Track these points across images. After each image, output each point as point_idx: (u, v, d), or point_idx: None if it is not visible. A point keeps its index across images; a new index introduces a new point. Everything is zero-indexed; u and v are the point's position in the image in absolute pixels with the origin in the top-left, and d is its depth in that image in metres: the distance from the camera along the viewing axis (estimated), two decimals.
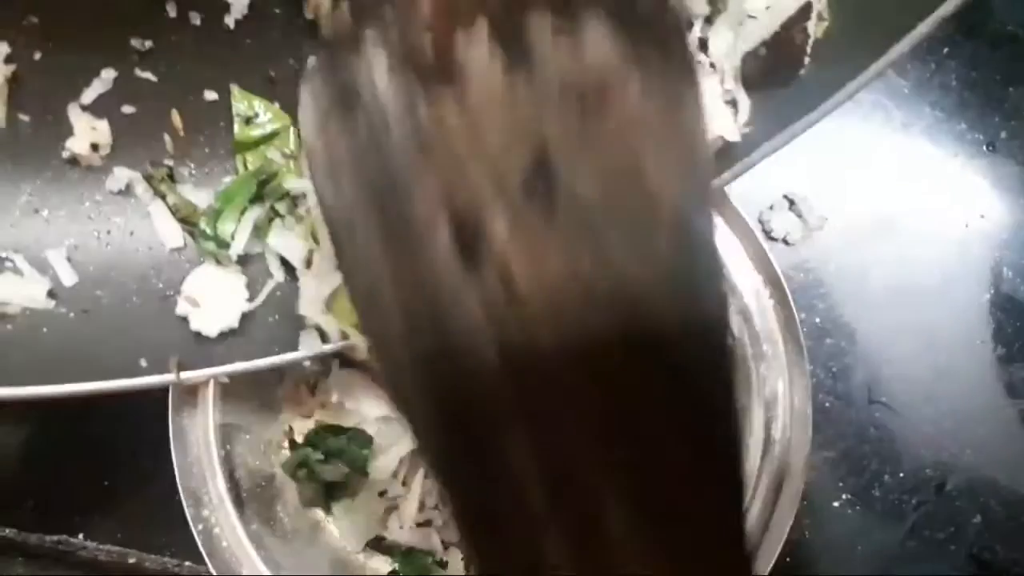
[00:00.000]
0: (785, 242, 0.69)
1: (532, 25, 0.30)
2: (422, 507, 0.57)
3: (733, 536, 0.27)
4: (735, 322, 0.50)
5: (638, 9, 0.31)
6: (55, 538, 0.70)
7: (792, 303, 0.50)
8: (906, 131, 0.71)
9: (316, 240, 0.46)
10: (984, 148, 0.71)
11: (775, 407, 0.49)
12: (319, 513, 0.57)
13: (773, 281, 0.50)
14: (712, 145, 0.44)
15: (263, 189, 0.47)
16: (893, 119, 0.71)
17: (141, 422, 0.55)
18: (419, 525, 0.57)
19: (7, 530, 0.70)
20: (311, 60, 0.33)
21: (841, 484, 0.67)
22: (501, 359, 0.27)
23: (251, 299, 0.47)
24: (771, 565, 0.49)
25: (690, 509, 0.27)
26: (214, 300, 0.45)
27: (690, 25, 0.47)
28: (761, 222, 0.68)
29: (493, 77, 0.29)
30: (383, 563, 0.58)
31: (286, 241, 0.46)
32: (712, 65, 0.48)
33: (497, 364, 0.27)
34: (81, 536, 0.70)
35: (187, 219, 0.48)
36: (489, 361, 0.27)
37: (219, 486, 0.49)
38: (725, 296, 0.31)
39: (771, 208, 0.69)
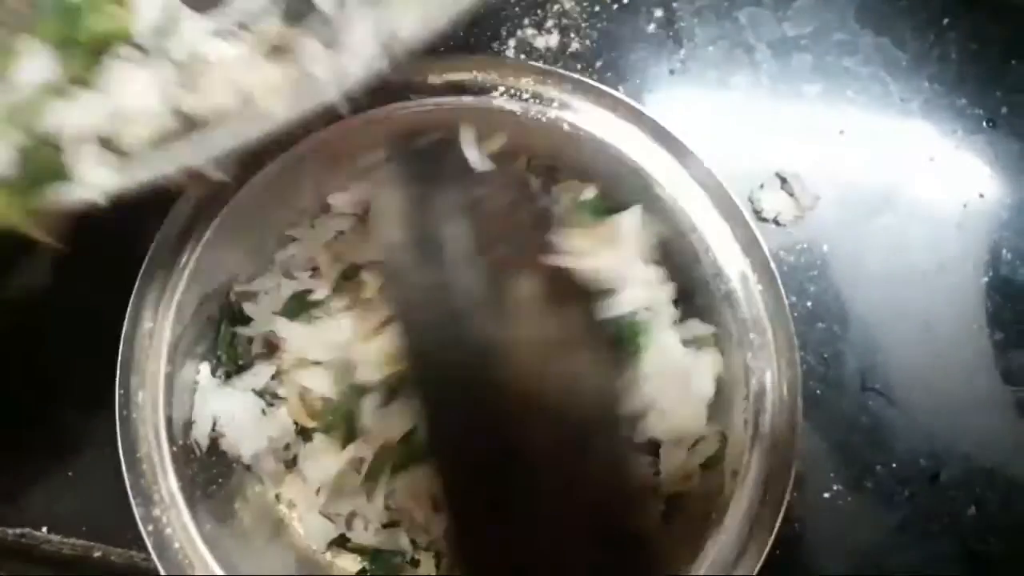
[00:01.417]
0: (776, 222, 0.66)
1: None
2: (387, 508, 0.54)
3: None
4: (722, 309, 0.47)
5: None
6: (18, 531, 0.68)
7: (782, 289, 0.47)
8: (903, 106, 0.68)
9: None
10: (984, 124, 0.68)
11: (763, 399, 0.47)
12: (282, 510, 0.55)
13: (762, 266, 0.47)
14: None
15: None
16: (890, 93, 0.68)
17: (107, 411, 0.52)
18: (385, 526, 0.54)
19: None
20: None
21: (832, 475, 0.64)
22: None
23: None
24: (761, 560, 0.46)
25: None
26: None
27: None
28: (751, 201, 0.65)
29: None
30: (352, 562, 0.55)
31: None
32: None
33: None
34: (45, 529, 0.68)
35: None
36: None
37: (171, 484, 0.47)
38: None
39: (762, 187, 0.66)
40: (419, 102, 0.47)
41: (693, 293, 0.53)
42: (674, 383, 0.49)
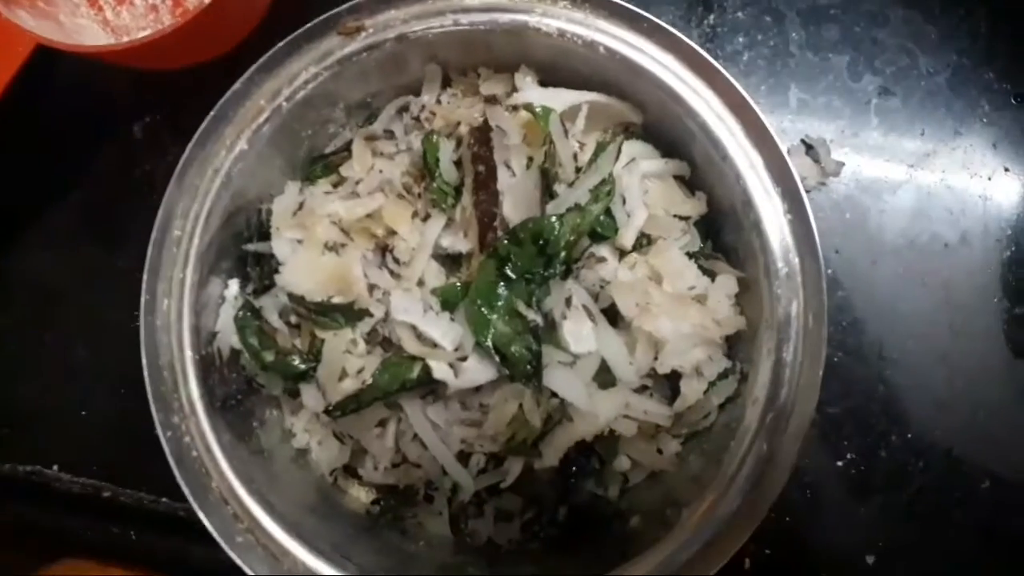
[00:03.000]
0: None
1: None
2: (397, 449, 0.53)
3: None
4: (750, 238, 0.47)
5: None
6: (29, 468, 0.68)
7: (811, 218, 0.47)
8: (931, 78, 0.68)
9: None
10: (1011, 100, 0.68)
11: (788, 328, 0.46)
12: (304, 438, 0.54)
13: (792, 195, 0.47)
14: None
15: None
16: (918, 65, 0.68)
17: (121, 348, 0.52)
18: (395, 465, 0.54)
19: None
20: None
21: (846, 443, 0.64)
22: None
23: None
24: (774, 498, 0.46)
25: None
26: None
27: None
28: None
29: None
30: (366, 493, 0.55)
31: None
32: None
33: None
34: (55, 467, 0.68)
35: None
36: None
37: (191, 392, 0.47)
38: None
39: (788, 152, 0.66)
40: (455, 21, 0.48)
41: (721, 227, 0.52)
42: (690, 308, 0.48)
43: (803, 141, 0.67)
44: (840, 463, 0.64)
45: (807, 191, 0.65)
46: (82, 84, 0.72)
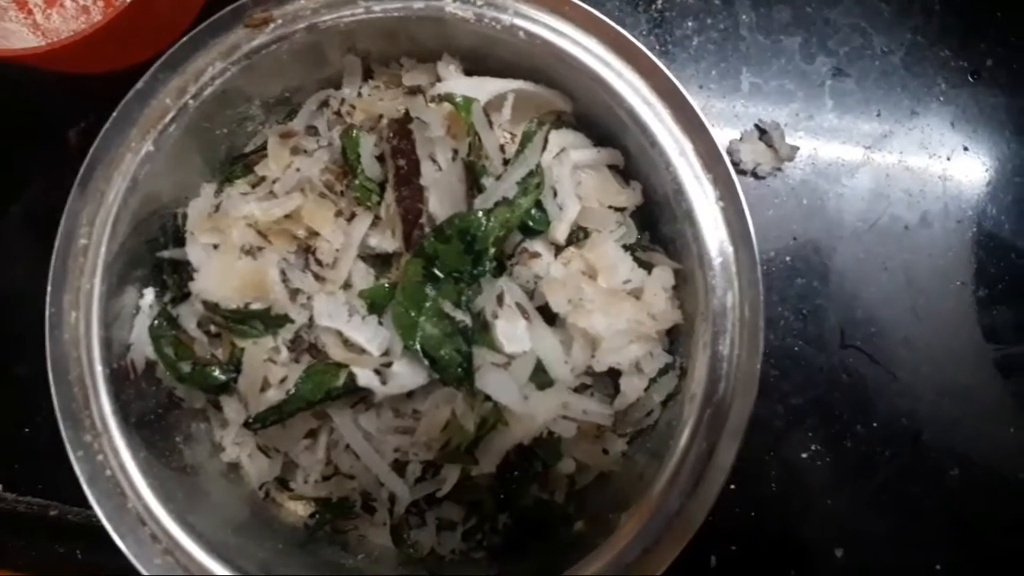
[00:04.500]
0: (755, 175, 0.64)
1: None
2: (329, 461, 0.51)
3: None
4: (683, 228, 0.45)
5: None
6: None
7: (744, 206, 0.45)
8: (886, 58, 0.66)
9: None
10: (968, 77, 0.66)
11: (723, 320, 0.44)
12: (234, 452, 0.52)
13: (724, 181, 0.45)
14: None
15: None
16: (872, 45, 0.66)
17: None
18: (325, 479, 0.52)
19: None
20: None
21: (810, 434, 0.62)
22: None
23: None
24: (714, 498, 0.44)
25: None
26: None
27: None
28: (730, 153, 0.63)
29: None
30: (303, 506, 0.53)
31: None
32: None
33: None
34: (0, 487, 0.65)
35: None
36: None
37: (103, 407, 0.44)
38: None
39: (740, 138, 0.64)
40: (367, 9, 0.45)
41: (658, 217, 0.50)
42: (624, 303, 0.46)
43: (756, 126, 0.65)
44: (805, 455, 0.62)
45: (762, 177, 0.64)
46: (14, 90, 0.70)
